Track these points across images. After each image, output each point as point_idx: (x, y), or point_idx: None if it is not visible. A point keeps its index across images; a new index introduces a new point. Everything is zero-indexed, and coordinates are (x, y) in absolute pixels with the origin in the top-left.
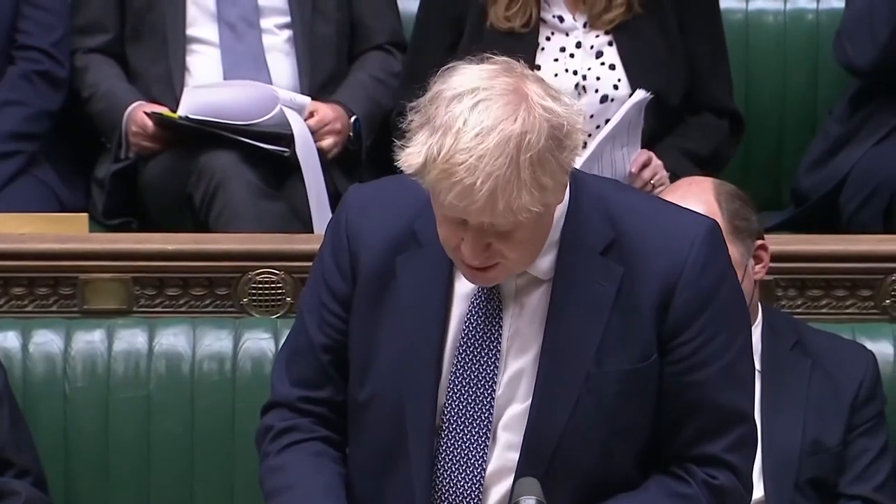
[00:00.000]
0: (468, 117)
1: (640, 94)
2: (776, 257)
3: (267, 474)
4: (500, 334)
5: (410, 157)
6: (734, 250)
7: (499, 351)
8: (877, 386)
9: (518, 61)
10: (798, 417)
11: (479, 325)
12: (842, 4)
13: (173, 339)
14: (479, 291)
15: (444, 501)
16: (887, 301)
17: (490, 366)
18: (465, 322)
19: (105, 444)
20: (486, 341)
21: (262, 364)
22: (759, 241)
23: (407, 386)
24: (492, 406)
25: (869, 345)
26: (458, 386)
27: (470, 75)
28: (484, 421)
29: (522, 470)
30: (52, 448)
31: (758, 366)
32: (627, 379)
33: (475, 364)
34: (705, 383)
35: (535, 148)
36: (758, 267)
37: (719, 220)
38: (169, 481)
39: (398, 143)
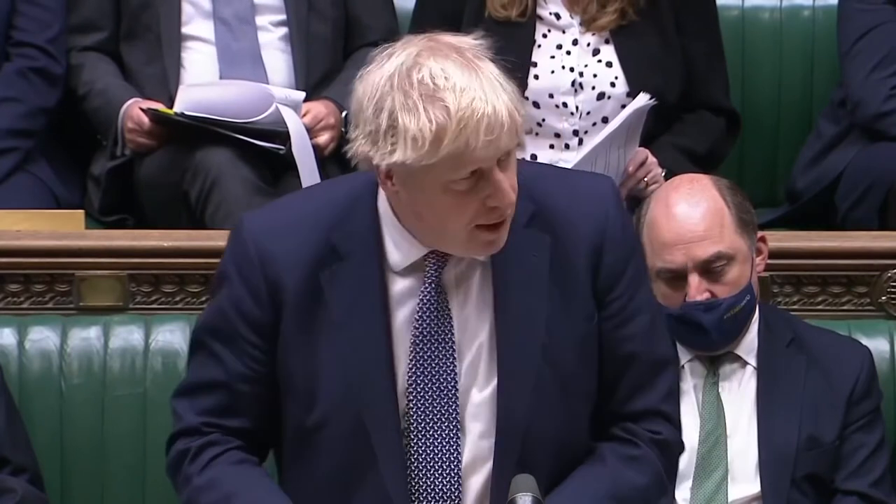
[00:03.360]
0: (438, 70)
1: (643, 100)
2: (772, 254)
3: (199, 493)
4: (452, 326)
5: (410, 148)
6: (742, 244)
7: (453, 343)
8: (873, 382)
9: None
10: (794, 414)
11: (430, 321)
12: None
13: (169, 335)
14: (423, 288)
15: (422, 502)
16: (883, 297)
17: (448, 359)
18: (416, 321)
19: (101, 441)
20: (439, 336)
21: None
22: (759, 234)
23: (363, 399)
24: (456, 398)
25: (865, 341)
26: (419, 386)
27: (387, 65)
28: (451, 415)
29: (499, 455)
30: (48, 445)
31: (754, 363)
32: (580, 342)
33: (433, 361)
34: (637, 335)
35: (509, 84)
36: (758, 259)
37: (727, 214)
38: (164, 478)
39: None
